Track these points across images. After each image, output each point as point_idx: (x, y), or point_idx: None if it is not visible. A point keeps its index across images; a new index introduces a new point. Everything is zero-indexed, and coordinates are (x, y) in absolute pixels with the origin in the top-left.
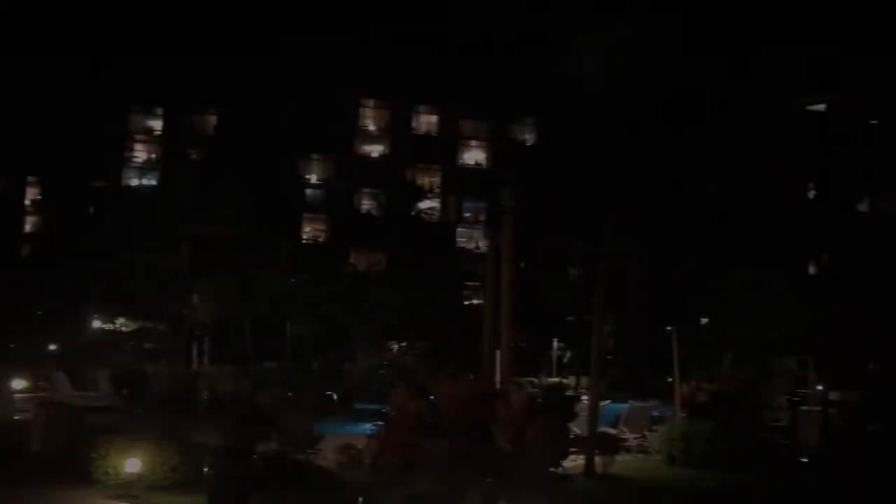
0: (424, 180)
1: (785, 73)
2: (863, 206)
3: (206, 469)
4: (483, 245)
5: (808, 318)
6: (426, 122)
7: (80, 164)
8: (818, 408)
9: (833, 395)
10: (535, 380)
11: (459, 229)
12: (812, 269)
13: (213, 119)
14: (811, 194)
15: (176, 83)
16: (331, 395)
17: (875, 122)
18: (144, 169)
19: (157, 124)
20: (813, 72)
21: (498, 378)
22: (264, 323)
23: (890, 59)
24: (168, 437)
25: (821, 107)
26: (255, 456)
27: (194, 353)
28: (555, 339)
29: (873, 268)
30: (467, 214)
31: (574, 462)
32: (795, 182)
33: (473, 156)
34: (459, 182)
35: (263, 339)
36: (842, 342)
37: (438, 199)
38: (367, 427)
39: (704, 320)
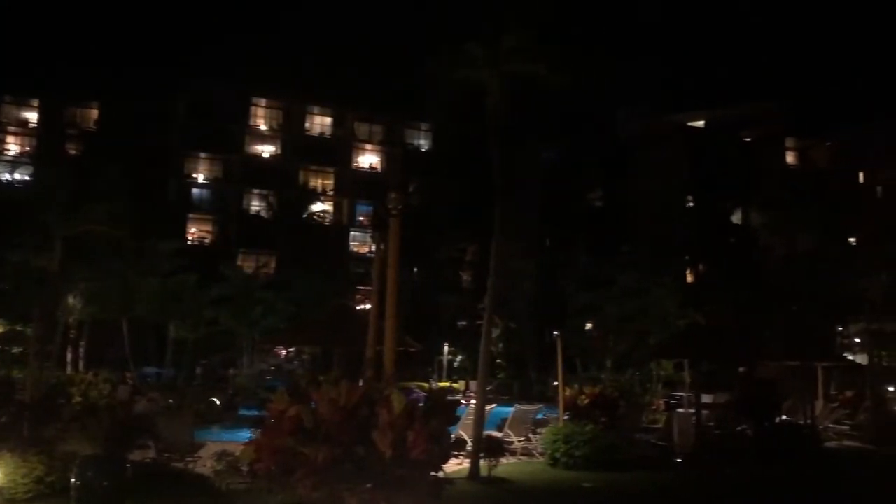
0: (317, 182)
1: (667, 89)
2: (736, 218)
3: (73, 479)
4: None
5: (684, 323)
6: (320, 123)
7: None
8: (692, 410)
9: (706, 398)
10: (425, 383)
11: (353, 232)
12: (689, 278)
13: (93, 113)
14: (689, 205)
15: (55, 73)
16: (214, 402)
17: (749, 139)
18: (16, 162)
19: (32, 116)
20: (693, 88)
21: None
22: (145, 326)
23: (764, 79)
24: (33, 447)
25: (699, 123)
26: (128, 465)
27: (69, 357)
28: (446, 343)
29: (743, 277)
30: (361, 218)
31: (460, 466)
32: (675, 193)
33: (368, 159)
34: (353, 185)
35: (143, 343)
36: (713, 347)
37: (331, 202)
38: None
39: (589, 326)
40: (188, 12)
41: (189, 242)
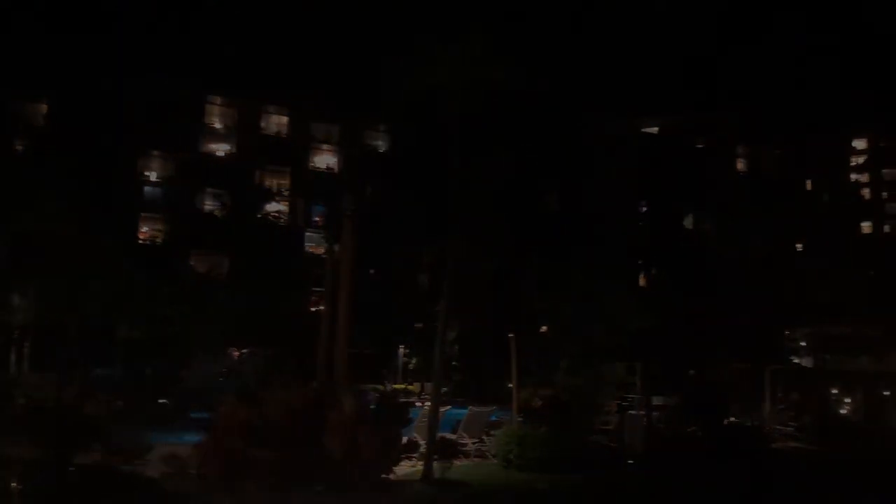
0: (272, 182)
1: (624, 96)
2: (688, 223)
3: (14, 483)
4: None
5: (636, 327)
6: (276, 122)
7: None
8: (643, 412)
9: (657, 400)
10: (380, 386)
11: (308, 234)
12: (642, 281)
13: (42, 108)
14: (643, 210)
15: (1, 66)
16: (165, 403)
17: (701, 145)
18: None
19: None
20: (650, 95)
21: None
22: (94, 326)
23: (720, 88)
24: None
25: (654, 129)
26: (72, 468)
27: (13, 358)
28: (401, 346)
29: (694, 281)
30: (317, 219)
31: (413, 468)
32: (629, 199)
33: (324, 160)
34: (309, 185)
35: (92, 344)
36: (664, 350)
37: (287, 203)
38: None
39: (544, 328)
40: (142, 7)
41: (140, 241)
